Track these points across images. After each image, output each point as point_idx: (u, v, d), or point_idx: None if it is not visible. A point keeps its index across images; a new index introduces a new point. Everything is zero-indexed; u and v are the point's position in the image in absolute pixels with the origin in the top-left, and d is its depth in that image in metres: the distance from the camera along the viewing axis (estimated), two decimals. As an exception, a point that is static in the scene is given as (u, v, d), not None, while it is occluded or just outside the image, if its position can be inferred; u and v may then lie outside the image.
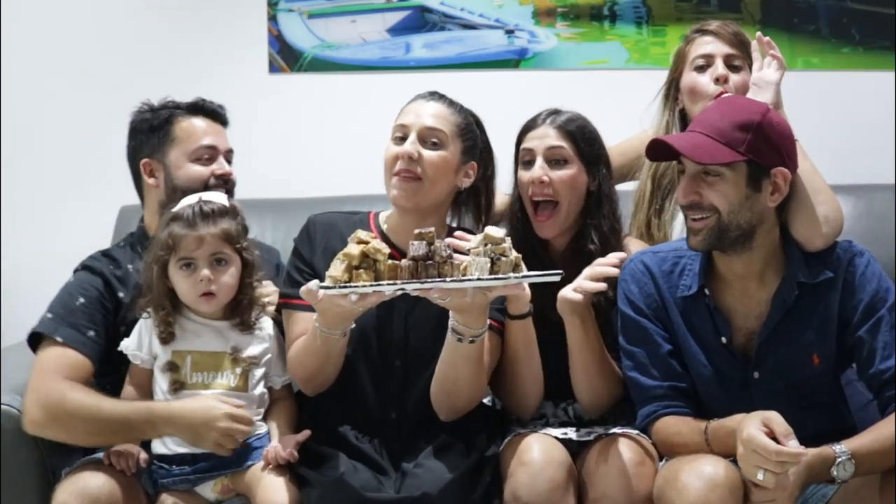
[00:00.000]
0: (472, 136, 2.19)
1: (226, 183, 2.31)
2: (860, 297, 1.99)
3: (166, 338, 2.08)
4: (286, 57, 3.18)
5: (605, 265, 2.04)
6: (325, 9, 3.18)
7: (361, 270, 1.84)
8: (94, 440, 2.09)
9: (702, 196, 1.93)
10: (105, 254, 2.30)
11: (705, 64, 2.35)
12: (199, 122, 2.35)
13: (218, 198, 2.15)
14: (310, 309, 2.01)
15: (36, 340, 2.16)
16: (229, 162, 2.36)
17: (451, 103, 2.19)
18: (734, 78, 2.32)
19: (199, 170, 2.30)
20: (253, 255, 2.14)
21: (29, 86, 3.11)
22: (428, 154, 2.11)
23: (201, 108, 2.37)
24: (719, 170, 1.92)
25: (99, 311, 2.19)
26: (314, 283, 1.89)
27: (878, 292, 1.99)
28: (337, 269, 1.85)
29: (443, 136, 2.13)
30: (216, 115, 2.39)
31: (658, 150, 2.02)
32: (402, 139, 2.13)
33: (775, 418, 1.78)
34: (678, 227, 2.36)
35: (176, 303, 2.11)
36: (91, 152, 3.06)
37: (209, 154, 2.32)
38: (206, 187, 2.26)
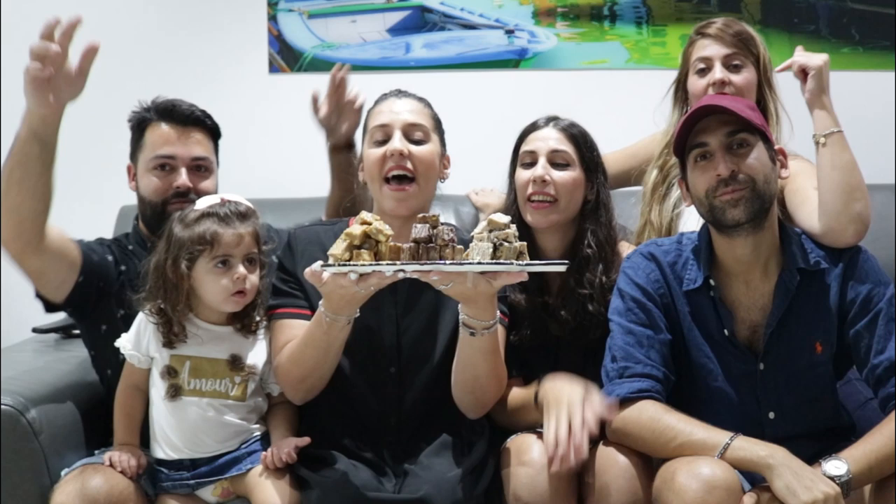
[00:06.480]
0: (442, 126, 2.20)
1: (185, 196, 2.18)
2: (859, 291, 2.02)
3: (173, 341, 2.05)
4: (286, 57, 3.18)
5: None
6: (325, 9, 3.18)
7: (363, 251, 1.81)
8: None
9: (738, 167, 1.98)
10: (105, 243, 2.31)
11: (705, 67, 2.35)
12: (163, 129, 2.23)
13: (240, 199, 2.09)
14: (297, 316, 2.02)
15: None
16: (203, 170, 2.25)
17: (419, 98, 2.19)
18: (735, 78, 2.32)
19: (155, 181, 2.22)
20: (267, 258, 2.12)
21: (29, 86, 3.11)
22: (417, 150, 2.10)
23: (170, 113, 2.24)
24: (749, 139, 1.99)
25: (97, 253, 2.21)
26: (317, 264, 1.84)
27: (876, 286, 2.03)
28: (338, 247, 1.81)
29: (426, 130, 2.13)
30: (191, 119, 2.25)
31: (683, 132, 2.03)
32: (384, 141, 2.11)
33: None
34: (683, 221, 2.36)
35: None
36: (90, 152, 3.06)
37: (165, 164, 2.22)
38: (165, 202, 2.19)
